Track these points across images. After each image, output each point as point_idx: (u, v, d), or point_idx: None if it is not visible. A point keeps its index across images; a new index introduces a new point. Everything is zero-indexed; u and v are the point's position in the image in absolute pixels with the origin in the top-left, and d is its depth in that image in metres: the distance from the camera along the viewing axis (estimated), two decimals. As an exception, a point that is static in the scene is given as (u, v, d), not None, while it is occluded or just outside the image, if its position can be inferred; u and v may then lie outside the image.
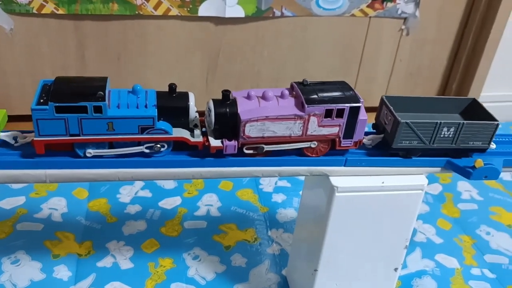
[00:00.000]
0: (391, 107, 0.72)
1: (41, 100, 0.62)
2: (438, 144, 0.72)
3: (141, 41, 1.30)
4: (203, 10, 1.27)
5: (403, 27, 1.44)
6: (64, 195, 1.10)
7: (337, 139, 0.70)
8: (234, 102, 0.67)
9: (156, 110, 0.64)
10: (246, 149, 0.68)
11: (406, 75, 1.54)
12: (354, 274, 0.81)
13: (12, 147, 0.67)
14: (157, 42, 1.31)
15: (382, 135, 0.75)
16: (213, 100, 0.67)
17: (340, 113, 0.68)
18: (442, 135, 0.72)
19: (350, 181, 0.72)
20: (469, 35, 1.47)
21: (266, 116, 0.66)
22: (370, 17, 1.40)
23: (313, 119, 0.67)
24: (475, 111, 0.77)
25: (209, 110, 0.66)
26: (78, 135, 0.63)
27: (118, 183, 1.15)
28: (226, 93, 0.67)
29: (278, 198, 1.17)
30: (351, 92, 0.69)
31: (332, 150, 0.71)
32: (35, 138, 0.62)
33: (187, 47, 1.34)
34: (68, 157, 0.66)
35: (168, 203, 1.12)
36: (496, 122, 0.73)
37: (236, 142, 0.67)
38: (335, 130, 0.69)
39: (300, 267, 0.88)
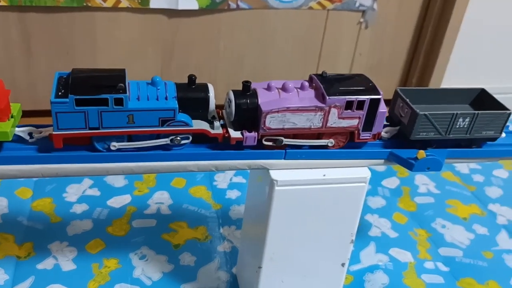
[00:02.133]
0: (407, 99, 0.72)
1: (59, 93, 0.60)
2: (454, 134, 0.73)
3: (90, 34, 1.25)
4: (155, 2, 1.23)
5: (361, 20, 1.43)
6: (5, 195, 1.05)
7: (356, 132, 0.69)
8: (254, 93, 0.66)
9: (177, 102, 0.63)
10: (266, 140, 0.67)
11: (366, 69, 1.52)
12: (300, 270, 0.79)
13: (27, 142, 0.64)
14: (107, 35, 1.26)
15: (397, 127, 0.74)
16: (233, 91, 0.66)
17: (360, 105, 0.67)
18: (457, 126, 0.72)
19: (291, 174, 0.69)
20: (428, 27, 1.47)
21: (287, 108, 0.65)
22: (328, 10, 1.38)
23: (334, 111, 0.67)
24: (484, 101, 0.78)
25: (229, 101, 0.66)
26: (98, 128, 0.61)
27: (65, 181, 1.11)
28: (246, 84, 0.66)
29: (233, 194, 1.14)
30: (370, 84, 0.69)
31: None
32: (54, 132, 0.60)
33: (140, 40, 1.30)
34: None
35: (117, 201, 1.08)
36: (508, 111, 0.73)
37: (256, 133, 0.66)
38: (354, 122, 0.68)
39: (248, 264, 0.85)
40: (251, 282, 0.81)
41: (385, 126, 0.74)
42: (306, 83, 0.68)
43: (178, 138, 0.64)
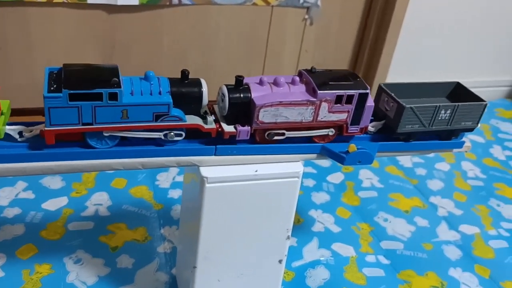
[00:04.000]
0: (393, 94, 0.74)
1: (51, 88, 0.58)
2: (436, 126, 0.75)
3: (24, 30, 1.19)
4: (92, -3, 1.19)
5: (306, 16, 1.43)
6: None
7: (345, 125, 0.71)
8: (247, 88, 0.67)
9: (171, 97, 0.62)
10: (258, 134, 0.68)
11: (313, 65, 1.52)
12: (237, 269, 0.78)
13: (16, 140, 0.62)
14: (43, 31, 1.21)
15: (383, 121, 0.76)
16: (226, 86, 0.66)
17: (349, 99, 0.69)
18: (440, 118, 0.75)
19: (222, 170, 0.68)
20: (372, 23, 1.49)
21: (280, 102, 0.66)
22: (272, 6, 1.37)
23: (324, 105, 0.68)
24: (460, 94, 0.81)
25: (223, 95, 0.66)
26: (91, 124, 0.60)
27: (-4, 184, 1.05)
28: (239, 79, 0.66)
29: (175, 194, 1.11)
30: (358, 79, 0.70)
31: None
32: (46, 128, 0.59)
33: (78, 37, 1.25)
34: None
35: (53, 204, 1.03)
36: (485, 103, 0.77)
37: (249, 127, 0.66)
38: (343, 116, 0.70)
39: (185, 264, 0.83)
40: (187, 282, 0.79)
41: (370, 121, 0.76)
42: (297, 78, 0.69)
43: (173, 133, 0.64)
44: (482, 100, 0.77)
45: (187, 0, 1.28)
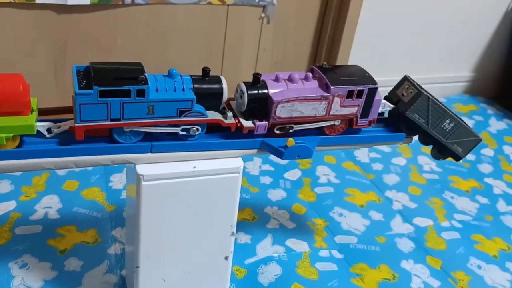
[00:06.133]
0: (416, 83, 0.79)
1: (81, 85, 0.60)
2: (436, 131, 0.79)
3: (-30, 31, 1.17)
4: (41, -3, 1.17)
5: (263, 15, 1.43)
6: None
7: (355, 119, 0.75)
8: (264, 85, 0.70)
9: (193, 93, 0.65)
10: (277, 129, 0.71)
11: (272, 64, 1.53)
12: (182, 267, 0.77)
13: (44, 137, 0.64)
14: (-10, 32, 1.18)
15: (394, 106, 0.80)
16: (245, 83, 0.70)
17: (360, 94, 0.72)
18: (443, 126, 0.79)
19: (159, 168, 0.67)
20: (329, 20, 1.50)
21: (296, 97, 0.69)
22: (228, 5, 1.37)
23: (337, 100, 0.72)
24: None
25: (242, 92, 0.69)
26: (119, 120, 0.63)
27: None
28: (257, 76, 0.70)
29: (129, 194, 1.10)
30: (366, 74, 0.74)
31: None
32: (76, 124, 0.61)
33: (28, 38, 1.22)
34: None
35: (0, 208, 1.01)
36: (480, 138, 0.82)
37: (267, 122, 0.69)
38: (354, 110, 0.74)
39: (130, 265, 0.82)
40: (132, 283, 0.78)
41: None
42: (310, 74, 0.72)
43: (195, 128, 0.67)
44: (478, 136, 0.82)
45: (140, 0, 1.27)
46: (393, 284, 0.95)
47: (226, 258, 0.79)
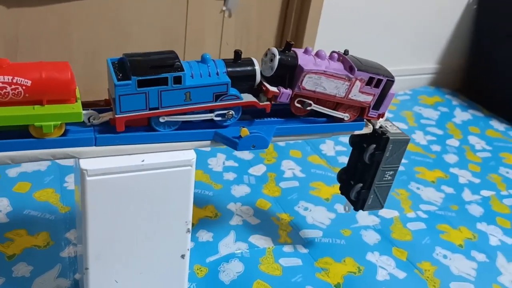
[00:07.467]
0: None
1: (118, 77, 0.60)
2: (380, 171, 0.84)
3: None
4: (-14, -10, 1.11)
5: (224, 8, 1.40)
6: None
7: (367, 108, 0.75)
8: (295, 53, 0.70)
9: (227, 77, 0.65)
10: (297, 102, 0.71)
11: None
12: (135, 267, 0.73)
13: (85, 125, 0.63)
14: None
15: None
16: (276, 48, 0.69)
17: (378, 83, 0.73)
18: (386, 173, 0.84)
19: (104, 162, 0.63)
20: (292, 13, 1.47)
21: (324, 71, 0.70)
22: (187, -3, 1.33)
23: (357, 84, 0.72)
24: None
25: (273, 55, 0.69)
26: (157, 108, 0.63)
27: None
28: (290, 43, 0.70)
29: (85, 195, 1.05)
30: (383, 68, 0.75)
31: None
32: (116, 115, 0.61)
33: (-25, 33, 1.16)
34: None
35: None
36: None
37: (291, 91, 0.69)
38: (369, 98, 0.74)
39: (81, 267, 0.77)
40: (83, 286, 0.74)
41: None
42: (336, 55, 0.73)
43: (231, 112, 0.67)
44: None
45: (95, -8, 1.22)
46: (359, 277, 0.93)
47: (183, 256, 0.75)
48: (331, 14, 1.52)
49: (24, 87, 0.57)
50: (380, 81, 0.73)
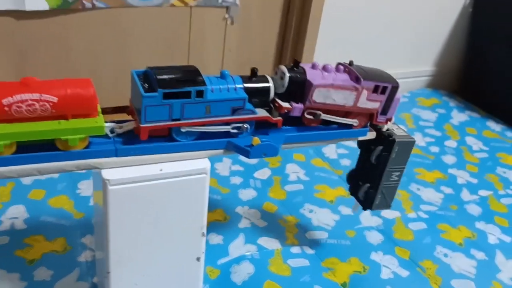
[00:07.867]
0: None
1: (144, 89, 0.64)
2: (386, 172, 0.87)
3: None
4: (-2, 3, 1.15)
5: (226, 16, 1.43)
6: None
7: (375, 114, 0.80)
8: (303, 70, 0.75)
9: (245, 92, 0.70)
10: (308, 114, 0.76)
11: (238, 65, 1.54)
12: (154, 270, 0.77)
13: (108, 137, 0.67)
14: None
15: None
16: (285, 66, 0.74)
17: (383, 90, 0.78)
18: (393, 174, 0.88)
19: (125, 172, 0.67)
20: (292, 18, 1.51)
21: (332, 84, 0.74)
22: (190, 6, 1.37)
23: (365, 93, 0.77)
24: None
25: (283, 73, 0.74)
26: (179, 120, 0.67)
27: None
28: (297, 61, 0.75)
29: (97, 201, 1.09)
30: (387, 75, 0.80)
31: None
32: (141, 125, 0.65)
33: (-14, 45, 1.20)
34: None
35: (-36, 221, 0.98)
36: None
37: (302, 105, 0.74)
38: (376, 105, 0.79)
39: (101, 271, 0.81)
40: (104, 289, 0.78)
41: None
42: (341, 67, 0.78)
43: (246, 126, 0.71)
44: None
45: (101, 3, 1.26)
46: (364, 276, 0.97)
47: (198, 259, 0.79)
48: (331, 18, 1.56)
49: (51, 104, 0.61)
50: (386, 88, 0.78)
